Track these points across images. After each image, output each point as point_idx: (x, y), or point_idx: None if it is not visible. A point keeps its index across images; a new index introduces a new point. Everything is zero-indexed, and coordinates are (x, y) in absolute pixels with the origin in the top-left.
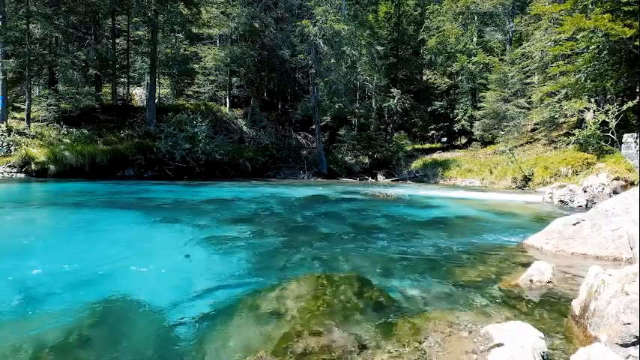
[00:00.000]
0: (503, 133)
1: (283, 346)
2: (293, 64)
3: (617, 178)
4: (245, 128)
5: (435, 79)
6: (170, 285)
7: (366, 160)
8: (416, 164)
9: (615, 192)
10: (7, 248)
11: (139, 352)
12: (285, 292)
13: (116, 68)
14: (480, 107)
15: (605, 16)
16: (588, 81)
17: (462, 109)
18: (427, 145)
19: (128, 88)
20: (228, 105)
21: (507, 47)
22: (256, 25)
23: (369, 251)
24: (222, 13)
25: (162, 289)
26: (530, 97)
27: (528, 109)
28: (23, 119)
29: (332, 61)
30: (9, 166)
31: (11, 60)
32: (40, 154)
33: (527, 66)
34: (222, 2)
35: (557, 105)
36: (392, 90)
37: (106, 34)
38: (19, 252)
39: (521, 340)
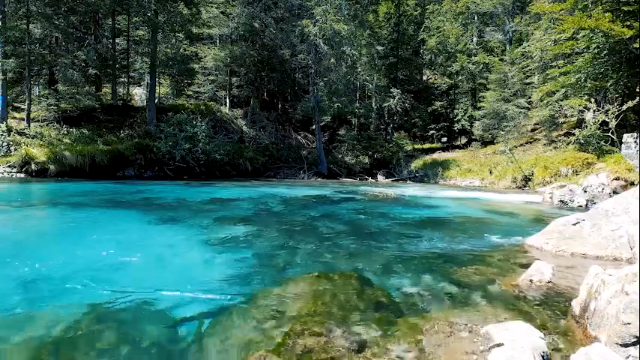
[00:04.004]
0: (503, 133)
1: (283, 345)
2: (293, 64)
3: (617, 178)
4: (245, 128)
5: (435, 79)
6: (170, 284)
7: (366, 160)
8: (416, 164)
9: (615, 192)
10: (7, 247)
11: (138, 351)
12: (285, 291)
13: (116, 68)
14: (480, 107)
15: (606, 15)
16: (588, 81)
17: (462, 109)
18: (427, 145)
19: (128, 88)
20: (228, 105)
21: (507, 47)
22: (256, 25)
23: (369, 251)
24: (222, 13)
25: (162, 289)
26: (530, 97)
27: (528, 109)
28: (23, 119)
29: (332, 61)
30: (9, 166)
31: (11, 60)
32: (40, 154)
33: (527, 66)
34: (222, 2)
35: (557, 104)
36: (392, 90)
37: (106, 34)
38: (18, 251)
39: (521, 340)
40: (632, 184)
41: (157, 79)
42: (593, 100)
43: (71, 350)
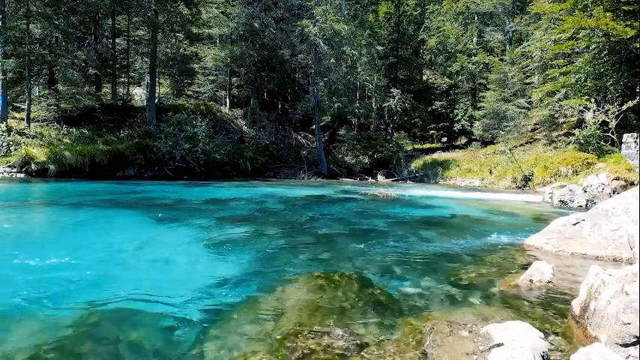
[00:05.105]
0: (503, 133)
1: (283, 346)
2: (293, 64)
3: (617, 178)
4: (245, 128)
5: (435, 79)
6: (170, 285)
7: (366, 160)
8: (416, 164)
9: (615, 192)
10: (5, 248)
11: (138, 351)
12: (285, 291)
13: (116, 68)
14: (480, 107)
15: (606, 15)
16: (589, 80)
17: (462, 109)
18: (427, 145)
19: (128, 88)
20: (228, 105)
21: (507, 47)
22: (256, 25)
23: (369, 251)
24: (222, 13)
25: (162, 289)
26: (530, 97)
27: (528, 109)
28: (23, 119)
29: (332, 61)
30: (9, 166)
31: (11, 60)
32: (40, 154)
33: (527, 66)
34: (222, 2)
35: (557, 104)
36: (392, 90)
37: (106, 34)
38: (18, 252)
39: (521, 340)
40: (632, 184)
41: (157, 79)
42: (593, 100)
43: (68, 351)
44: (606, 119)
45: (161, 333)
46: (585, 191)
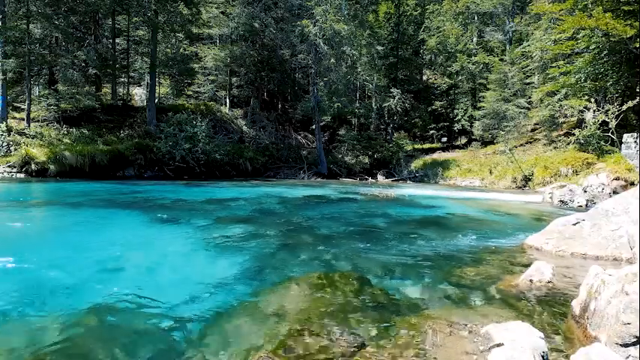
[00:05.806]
0: (503, 133)
1: (283, 346)
2: (293, 64)
3: (617, 178)
4: (245, 128)
5: (435, 79)
6: (170, 285)
7: (366, 160)
8: (416, 164)
9: (615, 192)
10: (5, 248)
11: (138, 352)
12: (285, 291)
13: (116, 68)
14: (480, 107)
15: (606, 15)
16: (588, 81)
17: (462, 109)
18: (427, 145)
19: (128, 88)
20: (228, 105)
21: (507, 47)
22: (256, 25)
23: (369, 251)
24: (222, 13)
25: (162, 289)
26: (530, 97)
27: (528, 109)
28: (23, 119)
29: (332, 61)
30: (9, 166)
31: (11, 60)
32: (40, 154)
33: (527, 66)
34: (222, 2)
35: (557, 104)
36: (392, 90)
37: (106, 34)
38: (17, 252)
39: (521, 340)
40: (632, 184)
41: (157, 79)
42: (593, 100)
43: (69, 352)
44: (606, 119)
45: (161, 333)
46: (585, 191)
